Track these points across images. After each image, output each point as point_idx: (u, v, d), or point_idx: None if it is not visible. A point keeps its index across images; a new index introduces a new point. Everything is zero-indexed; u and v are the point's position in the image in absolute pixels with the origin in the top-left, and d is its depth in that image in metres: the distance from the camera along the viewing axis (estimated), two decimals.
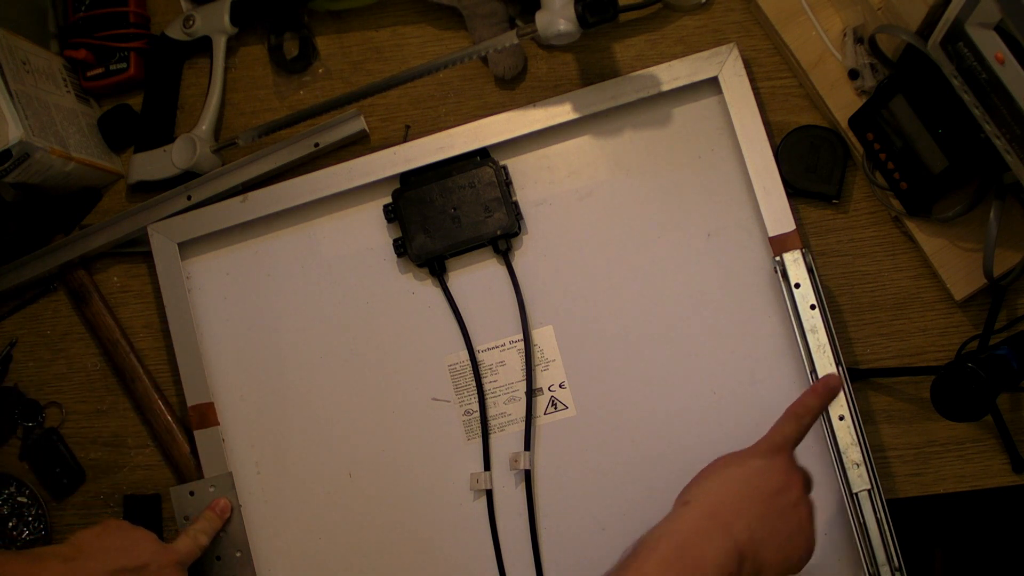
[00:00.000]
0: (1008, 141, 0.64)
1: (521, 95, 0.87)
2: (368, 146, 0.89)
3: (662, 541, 0.62)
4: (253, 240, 0.88)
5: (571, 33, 0.76)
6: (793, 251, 0.76)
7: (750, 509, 0.64)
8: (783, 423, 0.69)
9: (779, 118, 0.83)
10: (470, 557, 0.82)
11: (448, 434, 0.83)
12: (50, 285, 0.93)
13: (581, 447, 0.81)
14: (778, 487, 0.65)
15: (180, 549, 0.77)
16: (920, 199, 0.75)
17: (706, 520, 0.63)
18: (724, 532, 0.62)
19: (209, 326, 0.87)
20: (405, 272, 0.86)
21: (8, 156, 0.81)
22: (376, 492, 0.84)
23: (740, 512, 0.63)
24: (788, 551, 0.64)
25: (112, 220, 0.89)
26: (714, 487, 0.66)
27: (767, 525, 0.63)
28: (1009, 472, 0.78)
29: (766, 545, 0.63)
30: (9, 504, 0.90)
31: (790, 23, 0.81)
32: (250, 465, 0.86)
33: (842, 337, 0.80)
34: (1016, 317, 0.78)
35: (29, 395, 0.92)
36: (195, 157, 0.88)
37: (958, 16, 0.61)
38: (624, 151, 0.84)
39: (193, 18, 0.90)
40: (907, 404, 0.79)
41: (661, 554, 0.61)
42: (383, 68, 0.90)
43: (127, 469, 0.90)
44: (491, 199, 0.83)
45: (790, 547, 0.64)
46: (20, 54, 0.87)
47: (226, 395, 0.86)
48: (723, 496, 0.65)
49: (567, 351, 0.82)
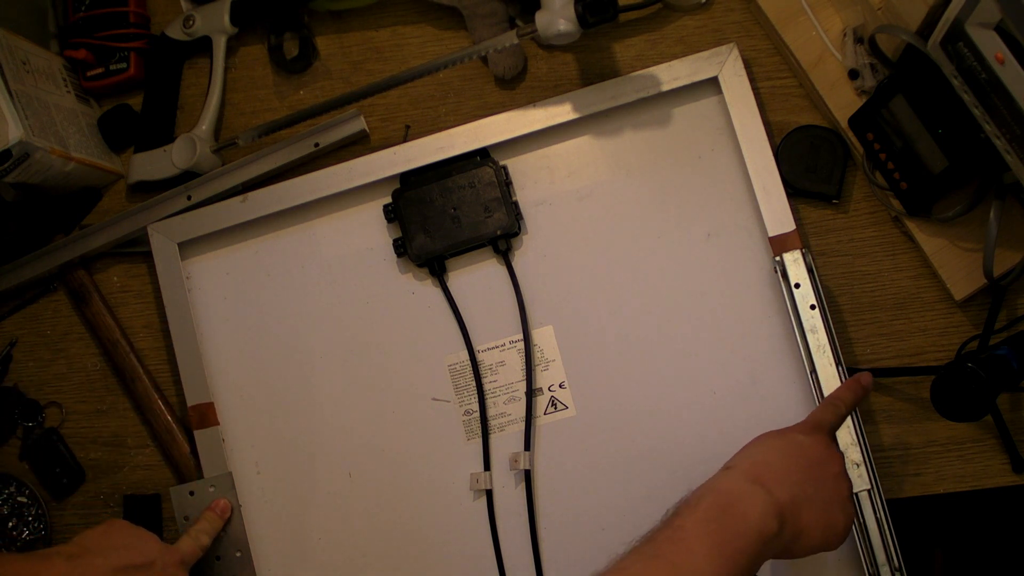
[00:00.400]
0: (1008, 141, 0.64)
1: (521, 95, 0.87)
2: (368, 146, 0.89)
3: (704, 500, 0.63)
4: (253, 240, 0.88)
5: (571, 33, 0.76)
6: (793, 251, 0.76)
7: (791, 474, 0.65)
8: (822, 409, 0.71)
9: (779, 118, 0.83)
10: (470, 557, 0.82)
11: (448, 434, 0.83)
12: (50, 285, 0.93)
13: (581, 447, 0.81)
14: (819, 459, 0.67)
15: (183, 549, 0.77)
16: (920, 199, 0.75)
17: (748, 482, 0.64)
18: (765, 493, 0.63)
19: (209, 326, 0.87)
20: (405, 272, 0.86)
21: (8, 156, 0.81)
22: (376, 492, 0.84)
23: (782, 476, 0.64)
24: (827, 519, 0.65)
25: (112, 220, 0.89)
26: (757, 453, 0.67)
27: (807, 491, 0.64)
28: (1009, 472, 0.78)
29: (806, 509, 0.64)
30: (9, 504, 0.90)
31: (790, 23, 0.81)
32: (250, 465, 0.86)
33: (842, 337, 0.80)
34: (1016, 317, 0.78)
35: (29, 395, 0.92)
36: (195, 157, 0.88)
37: (958, 16, 0.61)
38: (624, 151, 0.84)
39: (193, 18, 0.90)
40: (907, 404, 0.79)
41: (703, 511, 0.62)
42: (383, 68, 0.90)
43: (127, 469, 0.90)
44: (491, 199, 0.83)
45: (829, 515, 0.65)
46: (20, 54, 0.87)
47: (226, 395, 0.86)
48: (766, 461, 0.66)
49: (567, 351, 0.82)
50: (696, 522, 0.61)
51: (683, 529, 0.60)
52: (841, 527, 0.66)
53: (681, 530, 0.60)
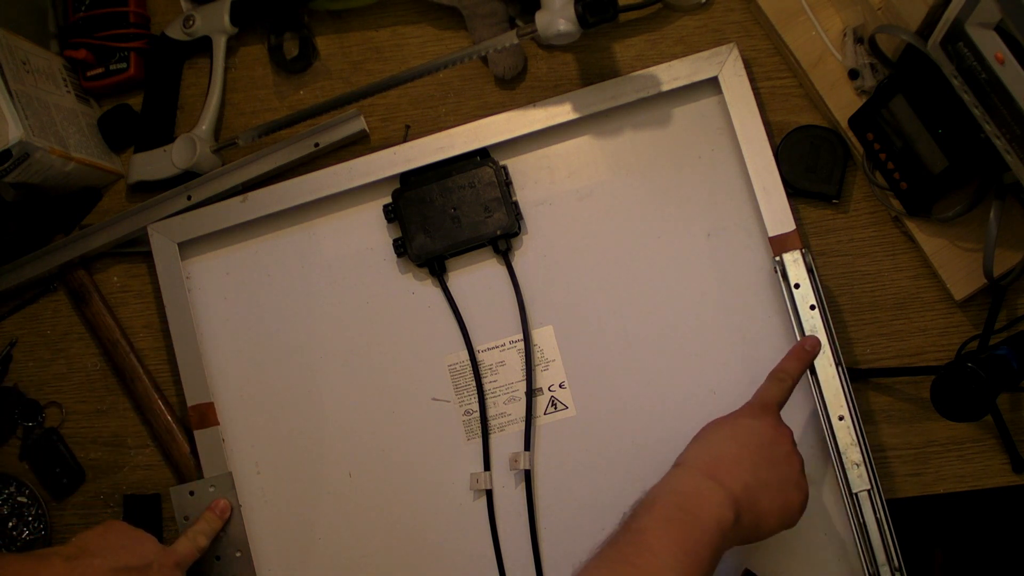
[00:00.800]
0: (1008, 141, 0.64)
1: (521, 95, 0.87)
2: (368, 146, 0.89)
3: (658, 501, 0.63)
4: (253, 240, 0.88)
5: (571, 33, 0.76)
6: (793, 251, 0.77)
7: (743, 462, 0.66)
8: (766, 386, 0.72)
9: (779, 118, 0.83)
10: (470, 557, 0.82)
11: (448, 434, 0.83)
12: (50, 285, 0.93)
13: (581, 447, 0.81)
14: (768, 440, 0.68)
15: (180, 551, 0.77)
16: (920, 199, 0.75)
17: (701, 477, 0.65)
18: (719, 486, 0.64)
19: (209, 326, 0.87)
20: (405, 272, 0.86)
21: (8, 156, 0.81)
22: (376, 492, 0.84)
23: (733, 466, 0.65)
24: (783, 499, 0.66)
25: (112, 220, 0.89)
26: (706, 447, 0.68)
27: (760, 476, 0.65)
28: (1009, 472, 0.78)
29: (762, 494, 0.65)
30: (9, 504, 0.90)
31: (790, 23, 0.81)
32: (250, 465, 0.86)
33: (842, 337, 0.80)
34: (1016, 317, 0.78)
35: (29, 395, 0.92)
36: (195, 157, 0.88)
37: (958, 16, 0.61)
38: (624, 151, 0.84)
39: (193, 18, 0.90)
40: (907, 404, 0.79)
41: (660, 511, 0.62)
42: (383, 68, 0.90)
43: (127, 469, 0.90)
44: (491, 199, 0.83)
45: (785, 496, 0.66)
46: (20, 54, 0.87)
47: (226, 395, 0.86)
48: (716, 453, 0.67)
49: (567, 351, 0.82)
50: (655, 523, 0.62)
51: (643, 532, 0.61)
52: (797, 506, 0.67)
53: (641, 533, 0.61)
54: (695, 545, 0.60)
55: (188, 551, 0.78)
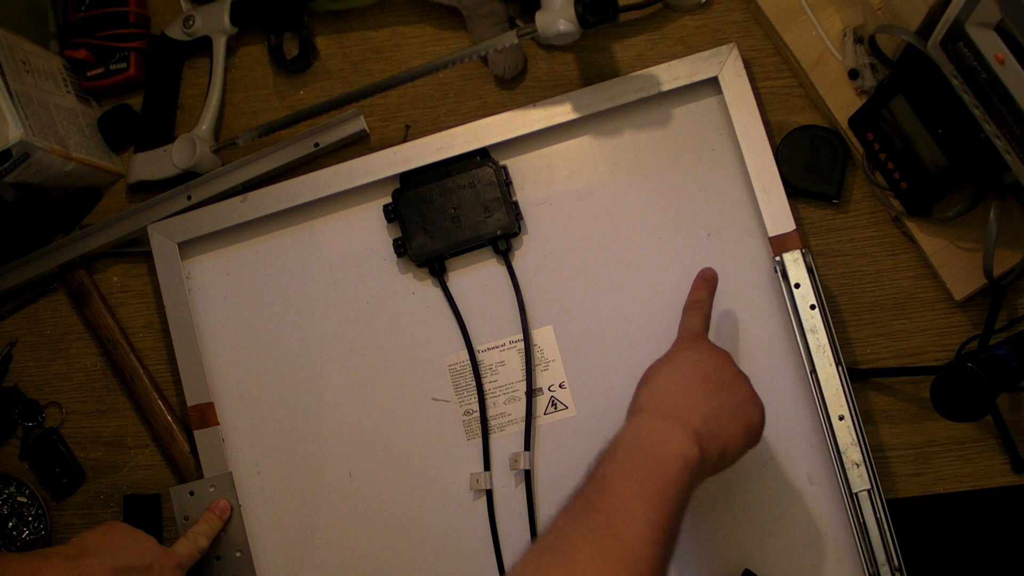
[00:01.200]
0: (1008, 141, 0.64)
1: (521, 95, 0.87)
2: (368, 146, 0.89)
3: (620, 447, 0.63)
4: (253, 240, 0.88)
5: (571, 33, 0.76)
6: (793, 251, 0.77)
7: (694, 395, 0.66)
8: (688, 318, 0.73)
9: (779, 118, 0.83)
10: (470, 557, 0.82)
11: (448, 434, 0.83)
12: (50, 285, 0.93)
13: (581, 447, 0.81)
14: (712, 366, 0.68)
15: (180, 552, 0.77)
16: (920, 199, 0.75)
17: (659, 419, 0.64)
18: (678, 423, 0.63)
19: (209, 326, 0.87)
20: (405, 272, 0.86)
21: (8, 156, 0.81)
22: (376, 492, 0.84)
23: (687, 401, 0.65)
24: (744, 420, 0.66)
25: (112, 220, 0.89)
26: (655, 389, 0.68)
27: (715, 403, 0.65)
28: (1009, 472, 0.78)
29: (721, 421, 0.65)
30: (9, 504, 0.90)
31: (790, 23, 0.81)
32: (250, 465, 0.86)
33: (842, 337, 0.80)
34: (1016, 317, 0.78)
35: (29, 395, 0.92)
36: (195, 157, 0.88)
37: (958, 16, 0.62)
38: (624, 151, 0.84)
39: (193, 18, 0.90)
40: (907, 404, 0.79)
41: (621, 457, 0.62)
42: (383, 68, 0.90)
43: (127, 469, 0.90)
44: (491, 199, 0.83)
45: (744, 416, 0.66)
46: (20, 54, 0.87)
47: (226, 395, 0.86)
48: (667, 392, 0.67)
49: (567, 351, 0.82)
50: (618, 468, 0.61)
51: (607, 478, 0.61)
52: (757, 422, 0.67)
53: (605, 479, 0.61)
54: (662, 484, 0.60)
55: (189, 552, 0.78)
